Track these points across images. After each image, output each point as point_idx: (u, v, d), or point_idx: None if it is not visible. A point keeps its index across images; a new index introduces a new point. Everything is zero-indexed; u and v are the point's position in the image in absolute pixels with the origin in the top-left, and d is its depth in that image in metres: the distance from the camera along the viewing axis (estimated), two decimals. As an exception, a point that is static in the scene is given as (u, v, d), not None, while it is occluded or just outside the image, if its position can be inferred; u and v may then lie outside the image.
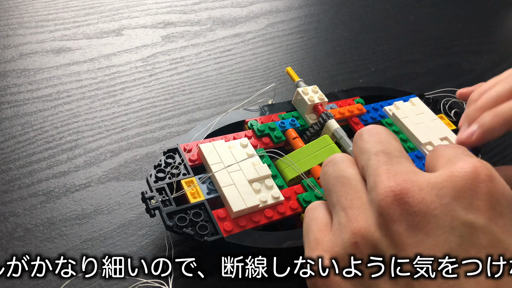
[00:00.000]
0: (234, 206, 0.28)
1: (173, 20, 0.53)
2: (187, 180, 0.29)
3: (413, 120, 0.39)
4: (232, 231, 0.27)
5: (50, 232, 0.30)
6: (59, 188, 0.33)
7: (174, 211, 0.27)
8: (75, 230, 0.31)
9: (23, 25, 0.47)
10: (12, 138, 0.36)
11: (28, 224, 0.31)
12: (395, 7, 0.67)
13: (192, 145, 0.32)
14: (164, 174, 0.29)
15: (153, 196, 0.28)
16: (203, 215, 0.28)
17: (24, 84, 0.40)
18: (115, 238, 0.31)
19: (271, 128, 0.35)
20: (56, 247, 0.30)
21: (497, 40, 0.66)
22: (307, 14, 0.60)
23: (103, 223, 0.32)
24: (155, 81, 0.44)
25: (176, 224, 0.27)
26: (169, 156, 0.31)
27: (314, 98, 0.36)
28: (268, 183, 0.30)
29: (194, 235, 0.27)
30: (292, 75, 0.39)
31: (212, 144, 0.31)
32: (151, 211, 0.27)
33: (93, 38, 0.47)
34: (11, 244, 0.29)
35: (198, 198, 0.29)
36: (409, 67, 0.55)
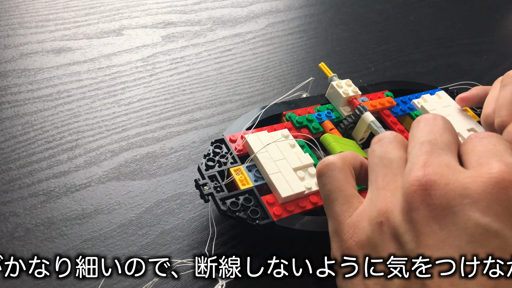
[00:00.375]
0: (283, 192, 0.29)
1: (174, 20, 0.53)
2: (236, 168, 0.31)
3: (441, 112, 0.40)
4: (281, 215, 0.29)
5: (51, 232, 0.30)
6: (60, 188, 0.33)
7: (226, 196, 0.29)
8: (75, 230, 0.31)
9: (23, 25, 0.47)
10: (12, 138, 0.36)
11: (28, 224, 0.31)
12: (395, 7, 0.67)
13: (237, 136, 0.33)
14: (214, 162, 0.31)
15: (206, 183, 0.29)
16: (253, 201, 0.29)
17: (25, 84, 0.40)
18: (115, 238, 0.31)
19: (308, 120, 0.36)
20: (56, 247, 0.30)
21: (497, 40, 0.66)
22: (307, 14, 0.61)
23: (103, 223, 0.32)
24: (155, 81, 0.44)
25: (229, 209, 0.28)
26: (217, 146, 0.32)
27: (349, 91, 0.38)
28: (311, 171, 0.32)
29: (246, 218, 0.28)
30: (326, 70, 0.41)
31: (257, 135, 0.33)
32: (205, 196, 0.29)
33: (94, 38, 0.47)
34: (11, 244, 0.29)
35: (247, 185, 0.30)
36: (409, 67, 0.56)
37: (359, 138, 0.38)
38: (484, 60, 0.61)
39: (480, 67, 0.59)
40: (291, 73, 0.50)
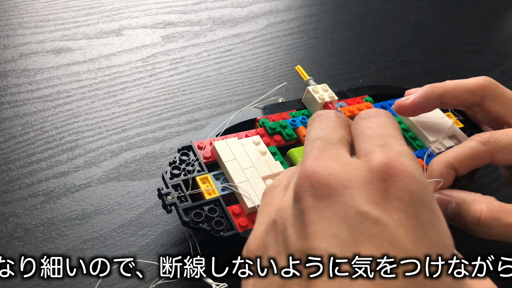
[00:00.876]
0: (249, 203, 0.28)
1: (173, 20, 0.53)
2: (202, 177, 0.30)
3: (421, 118, 0.39)
4: (247, 227, 0.28)
5: (50, 232, 0.30)
6: (59, 188, 0.33)
7: (190, 207, 0.28)
8: (75, 230, 0.31)
9: (23, 25, 0.47)
10: (12, 138, 0.36)
11: (28, 224, 0.31)
12: (395, 7, 0.67)
13: (206, 142, 0.32)
14: (179, 171, 0.30)
15: (169, 193, 0.28)
16: (218, 211, 0.28)
17: (24, 84, 0.40)
18: (115, 238, 0.31)
19: (282, 126, 0.35)
20: (56, 247, 0.30)
21: (497, 40, 0.66)
22: (307, 14, 0.60)
23: (103, 223, 0.32)
24: (155, 81, 0.44)
25: (192, 220, 0.27)
26: (184, 154, 0.31)
27: (325, 96, 0.37)
28: None
29: (210, 230, 0.27)
30: (302, 74, 0.39)
31: (226, 142, 0.32)
32: (168, 207, 0.28)
33: (93, 38, 0.47)
34: (11, 244, 0.29)
35: (213, 194, 0.29)
36: (409, 67, 0.56)
37: None
38: (484, 60, 0.61)
39: (480, 67, 0.59)
40: (291, 73, 0.50)
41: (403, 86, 0.52)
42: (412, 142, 0.37)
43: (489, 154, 0.32)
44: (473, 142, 0.32)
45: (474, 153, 0.32)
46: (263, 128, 0.35)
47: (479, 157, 0.32)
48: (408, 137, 0.38)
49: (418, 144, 0.37)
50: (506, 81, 0.58)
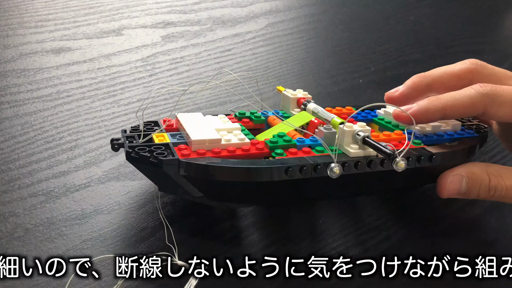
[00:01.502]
0: (194, 136, 0.27)
1: (173, 20, 0.53)
2: (159, 134, 0.29)
3: None
4: (189, 155, 0.26)
5: (50, 232, 0.30)
6: (59, 188, 0.33)
7: (138, 145, 0.27)
8: (75, 230, 0.31)
9: (23, 25, 0.47)
10: (12, 138, 0.36)
11: (28, 224, 0.31)
12: (395, 7, 0.67)
13: (172, 121, 0.32)
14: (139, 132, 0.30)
15: (120, 138, 0.28)
16: (164, 149, 0.27)
17: (24, 84, 0.40)
18: (115, 238, 0.31)
19: (252, 112, 0.35)
20: (56, 247, 0.30)
21: (497, 40, 0.66)
22: (307, 14, 0.60)
23: (103, 223, 0.32)
24: (155, 81, 0.44)
25: (135, 151, 0.26)
26: (148, 125, 0.31)
27: (297, 94, 0.37)
28: (236, 133, 0.29)
29: (150, 157, 0.26)
30: (280, 90, 0.39)
31: (191, 115, 0.31)
32: (115, 146, 0.27)
33: (93, 38, 0.47)
34: (11, 244, 0.29)
35: (164, 141, 0.29)
36: (409, 67, 0.55)
37: None
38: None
39: (480, 67, 0.59)
40: (291, 73, 0.50)
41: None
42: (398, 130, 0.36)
43: (484, 106, 0.31)
44: (473, 91, 0.31)
45: (471, 103, 0.31)
46: (233, 116, 0.34)
47: (474, 108, 0.31)
48: (392, 126, 0.36)
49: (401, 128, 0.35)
50: (506, 81, 0.58)
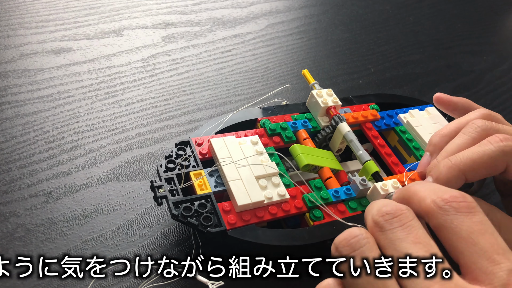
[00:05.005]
0: (239, 200, 0.28)
1: (174, 20, 0.53)
2: (196, 172, 0.30)
3: (427, 129, 0.38)
4: (235, 224, 0.28)
5: (51, 232, 0.30)
6: (60, 188, 0.33)
7: (180, 200, 0.28)
8: (75, 230, 0.31)
9: (23, 25, 0.47)
10: (12, 138, 0.36)
11: (28, 224, 0.31)
12: (395, 7, 0.67)
13: (204, 139, 0.32)
14: (174, 165, 0.30)
15: (162, 185, 0.28)
16: (209, 207, 0.28)
17: (25, 84, 0.40)
18: (115, 238, 0.31)
19: (282, 127, 0.35)
20: (56, 247, 0.30)
21: (497, 41, 0.66)
22: (307, 15, 0.61)
23: (104, 223, 0.32)
24: (155, 81, 0.44)
25: (181, 214, 0.27)
26: (180, 148, 0.31)
27: (328, 101, 0.36)
28: (274, 181, 0.31)
29: (198, 225, 0.27)
30: (307, 77, 0.39)
31: (223, 139, 0.32)
32: (159, 199, 0.28)
33: (94, 39, 0.47)
34: (11, 245, 0.29)
35: (205, 190, 0.29)
36: (409, 68, 0.56)
37: (335, 149, 0.36)
38: (484, 61, 0.61)
39: (479, 68, 0.59)
40: (291, 74, 0.50)
41: (401, 87, 0.52)
42: (415, 152, 0.37)
43: (506, 164, 0.27)
44: (492, 147, 0.27)
45: (491, 163, 0.27)
46: (263, 129, 0.35)
47: (496, 168, 0.27)
48: (412, 147, 0.37)
49: (421, 154, 0.36)
50: (507, 81, 0.58)
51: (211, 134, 0.33)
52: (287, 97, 0.46)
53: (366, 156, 0.33)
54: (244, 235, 0.27)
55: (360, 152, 0.33)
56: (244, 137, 0.33)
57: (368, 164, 0.32)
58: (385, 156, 0.36)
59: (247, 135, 0.34)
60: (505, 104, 0.54)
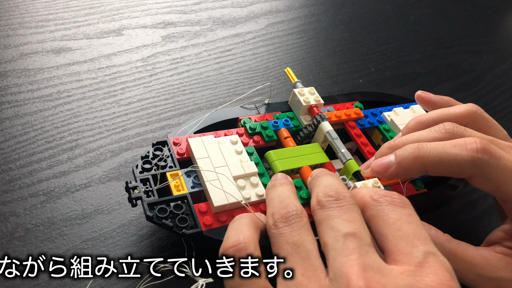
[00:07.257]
0: (216, 201, 0.28)
1: (173, 20, 0.53)
2: (173, 173, 0.30)
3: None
4: (211, 226, 0.27)
5: (51, 232, 0.30)
6: (60, 188, 0.33)
7: (156, 202, 0.27)
8: (75, 230, 0.31)
9: (23, 25, 0.47)
10: (12, 138, 0.36)
11: (28, 224, 0.31)
12: (395, 7, 0.67)
13: (182, 139, 0.32)
14: (151, 165, 0.29)
15: (137, 186, 0.28)
16: (185, 208, 0.28)
17: (25, 84, 0.40)
18: (115, 238, 0.31)
19: (263, 126, 0.34)
20: (56, 247, 0.30)
21: (497, 40, 0.66)
22: (307, 14, 0.61)
23: (104, 223, 0.32)
24: (155, 81, 0.44)
25: (156, 215, 0.27)
26: (158, 148, 0.31)
27: (310, 99, 0.36)
28: (253, 181, 0.30)
29: (173, 226, 0.27)
30: (290, 76, 0.39)
31: (201, 139, 0.31)
32: (133, 200, 0.27)
33: (94, 38, 0.47)
34: (11, 244, 0.29)
35: (182, 191, 0.29)
36: (409, 67, 0.56)
37: None
38: (484, 60, 0.61)
39: (480, 67, 0.59)
40: (291, 73, 0.50)
41: (402, 86, 0.52)
42: None
43: (471, 174, 0.27)
44: (464, 155, 0.26)
45: (458, 169, 0.26)
46: (244, 128, 0.34)
47: (460, 174, 0.27)
48: None
49: None
50: (506, 81, 0.58)
51: (190, 133, 0.32)
52: (270, 96, 0.46)
53: (348, 155, 0.32)
54: (221, 235, 0.27)
55: (342, 151, 0.33)
56: (224, 137, 0.33)
57: (349, 163, 0.32)
58: (368, 155, 0.36)
59: (227, 135, 0.33)
60: (505, 104, 0.54)
